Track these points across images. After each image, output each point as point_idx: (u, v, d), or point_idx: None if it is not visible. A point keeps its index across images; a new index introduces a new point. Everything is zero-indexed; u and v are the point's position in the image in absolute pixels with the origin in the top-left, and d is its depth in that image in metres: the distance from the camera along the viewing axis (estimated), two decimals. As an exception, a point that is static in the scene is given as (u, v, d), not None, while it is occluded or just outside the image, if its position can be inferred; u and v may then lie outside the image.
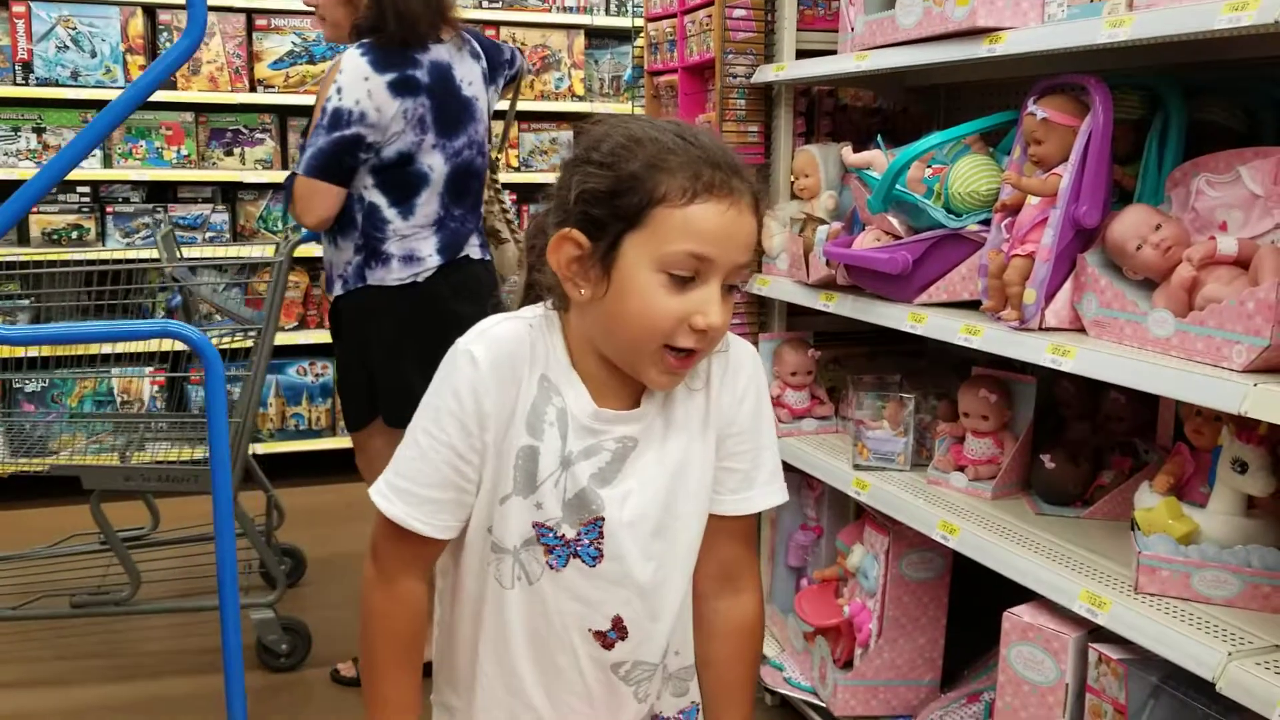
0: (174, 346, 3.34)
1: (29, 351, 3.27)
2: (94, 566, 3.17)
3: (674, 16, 2.80)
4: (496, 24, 4.76)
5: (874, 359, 2.67)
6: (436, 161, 2.58)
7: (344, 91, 2.47)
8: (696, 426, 1.29)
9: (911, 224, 2.07)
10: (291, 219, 2.70)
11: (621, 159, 1.15)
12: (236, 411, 2.94)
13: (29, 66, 4.16)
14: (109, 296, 3.19)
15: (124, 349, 3.45)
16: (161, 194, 4.46)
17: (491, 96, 2.80)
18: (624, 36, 5.02)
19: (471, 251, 2.69)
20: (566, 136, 4.94)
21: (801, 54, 2.53)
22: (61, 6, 4.17)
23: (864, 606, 2.25)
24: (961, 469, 2.09)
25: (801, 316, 2.59)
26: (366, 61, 2.48)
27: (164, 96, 4.14)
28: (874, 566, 2.22)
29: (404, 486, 1.23)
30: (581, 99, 4.93)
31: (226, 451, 2.02)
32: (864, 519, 2.30)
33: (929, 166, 2.08)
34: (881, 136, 2.26)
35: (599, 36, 5.07)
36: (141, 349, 3.42)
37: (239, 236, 4.50)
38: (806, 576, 2.58)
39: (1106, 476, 1.98)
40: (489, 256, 2.79)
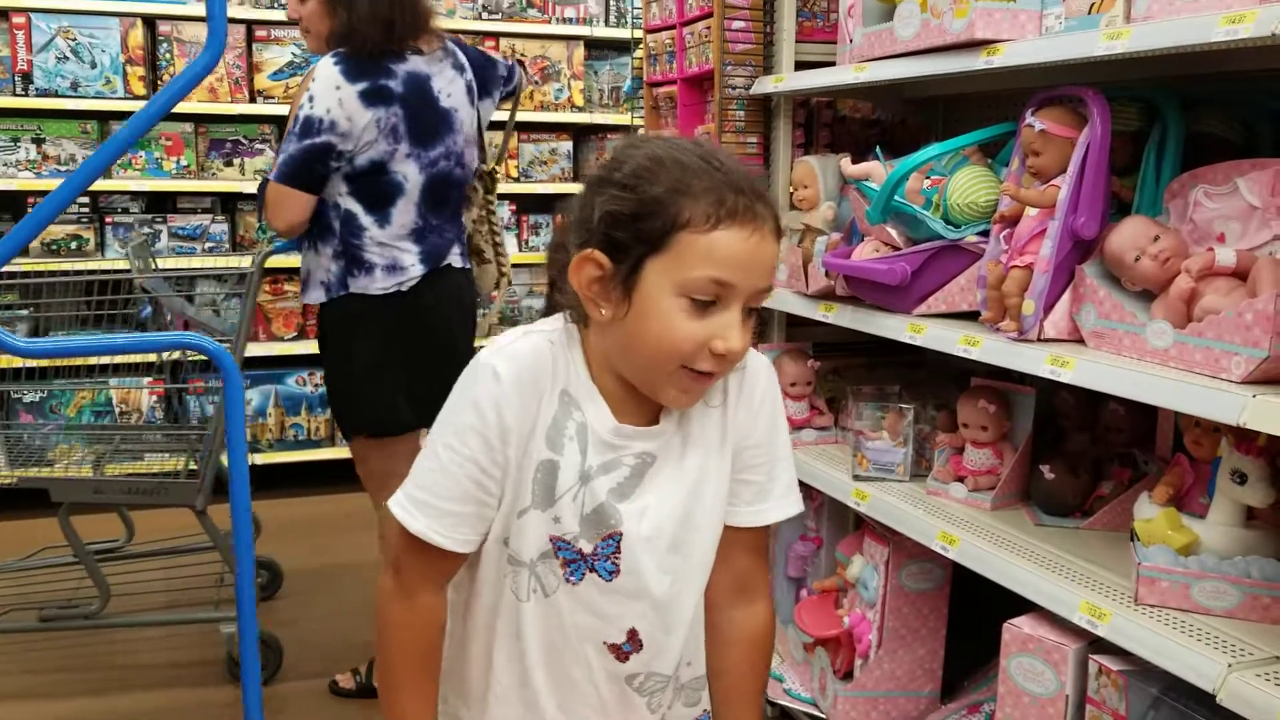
0: (170, 357, 3.34)
1: (26, 362, 3.27)
2: (66, 580, 3.14)
3: (673, 28, 2.81)
4: (496, 35, 4.77)
5: (873, 370, 2.68)
6: (411, 171, 2.59)
7: (316, 100, 2.49)
8: (714, 443, 1.30)
9: (910, 235, 2.08)
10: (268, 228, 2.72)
11: (645, 181, 1.15)
12: (209, 424, 2.92)
13: (29, 77, 4.17)
14: (109, 307, 3.19)
15: (122, 359, 3.43)
16: (161, 204, 4.47)
17: (485, 109, 2.80)
18: (623, 48, 5.02)
19: (453, 260, 2.71)
20: (566, 147, 4.95)
21: (800, 65, 2.53)
22: (61, 17, 4.18)
23: (864, 617, 2.25)
24: (961, 480, 2.09)
25: (801, 327, 2.59)
26: (339, 71, 2.50)
27: (164, 107, 4.15)
28: (874, 577, 2.22)
29: (424, 499, 1.23)
30: (581, 110, 4.94)
31: (245, 462, 2.02)
32: (863, 530, 2.30)
33: (928, 178, 2.08)
34: (880, 148, 2.27)
35: (598, 48, 5.08)
36: (139, 359, 3.41)
37: (238, 247, 4.50)
38: (806, 587, 2.58)
39: (1106, 487, 1.98)
40: (469, 265, 2.81)
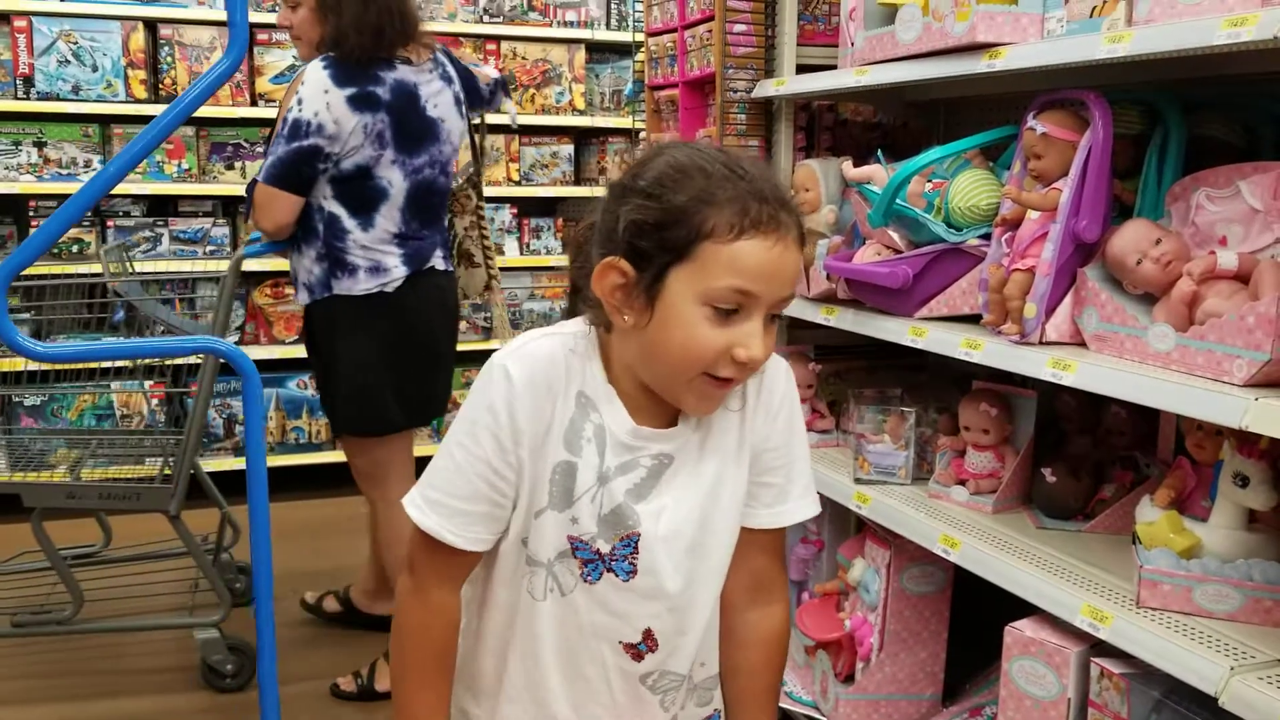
0: (174, 361, 3.33)
1: (28, 365, 3.27)
2: (40, 585, 3.12)
3: (674, 31, 2.81)
4: (498, 38, 4.77)
5: (875, 373, 2.68)
6: (396, 177, 2.63)
7: (304, 103, 2.53)
8: (732, 446, 1.30)
9: (912, 238, 2.08)
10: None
11: (669, 190, 1.15)
12: (184, 427, 2.90)
13: (30, 80, 4.17)
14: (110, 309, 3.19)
15: (123, 362, 3.44)
16: (162, 208, 4.47)
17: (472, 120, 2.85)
18: (625, 51, 5.03)
19: (436, 263, 2.75)
20: (567, 150, 4.95)
21: (801, 69, 2.53)
22: (63, 21, 4.19)
23: (865, 620, 2.25)
24: (962, 483, 2.09)
25: (802, 330, 2.59)
26: (328, 75, 2.53)
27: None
28: (875, 580, 2.22)
29: (437, 498, 1.24)
30: (582, 113, 4.94)
31: (264, 465, 2.04)
32: (865, 533, 2.30)
33: (929, 181, 2.08)
34: (882, 151, 2.27)
35: (600, 51, 5.08)
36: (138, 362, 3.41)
37: (240, 250, 4.50)
38: (808, 590, 2.57)
39: (1108, 490, 1.98)
40: (452, 268, 2.85)
